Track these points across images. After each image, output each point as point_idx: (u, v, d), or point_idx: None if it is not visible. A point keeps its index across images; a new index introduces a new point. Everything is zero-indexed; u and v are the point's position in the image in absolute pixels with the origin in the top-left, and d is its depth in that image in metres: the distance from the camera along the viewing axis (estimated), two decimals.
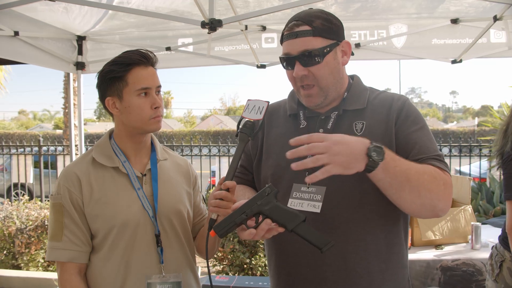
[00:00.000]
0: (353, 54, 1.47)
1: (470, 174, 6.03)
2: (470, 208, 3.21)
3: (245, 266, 4.42)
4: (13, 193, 7.90)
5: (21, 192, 8.03)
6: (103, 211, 1.46)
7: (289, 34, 1.36)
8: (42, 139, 6.93)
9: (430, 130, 1.40)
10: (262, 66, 3.92)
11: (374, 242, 1.35)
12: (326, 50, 1.33)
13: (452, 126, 54.09)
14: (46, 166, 7.17)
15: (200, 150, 6.55)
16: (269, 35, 3.68)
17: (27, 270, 4.75)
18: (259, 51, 3.74)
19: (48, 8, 2.98)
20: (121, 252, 1.46)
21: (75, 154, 4.18)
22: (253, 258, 4.37)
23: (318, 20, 1.34)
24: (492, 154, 2.53)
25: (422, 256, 2.91)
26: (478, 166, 6.57)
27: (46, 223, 4.72)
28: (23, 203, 5.24)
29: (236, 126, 1.36)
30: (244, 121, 1.35)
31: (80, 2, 2.73)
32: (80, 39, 3.71)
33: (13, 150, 7.33)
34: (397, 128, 1.36)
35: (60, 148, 7.16)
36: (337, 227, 1.34)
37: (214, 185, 7.13)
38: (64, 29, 3.52)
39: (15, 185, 7.75)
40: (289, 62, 1.38)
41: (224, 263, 4.52)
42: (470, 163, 6.34)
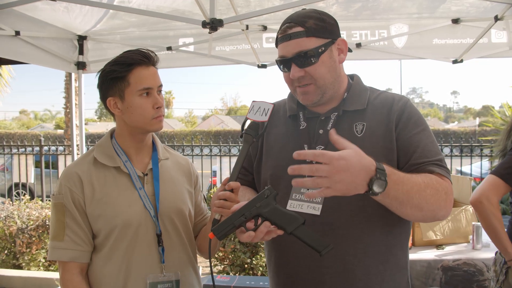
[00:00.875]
0: (351, 51, 1.46)
1: (471, 174, 6.04)
2: (471, 208, 3.21)
3: (246, 266, 4.42)
4: (14, 193, 7.91)
5: (22, 192, 8.04)
6: (105, 211, 1.46)
7: (282, 36, 1.36)
8: (43, 139, 6.94)
9: (432, 131, 1.39)
10: (263, 66, 3.92)
11: (373, 244, 1.35)
12: (321, 50, 1.33)
13: (453, 126, 54.01)
14: (47, 166, 7.18)
15: (201, 150, 6.56)
16: (270, 35, 3.68)
17: (28, 270, 4.76)
18: (260, 51, 3.74)
19: (49, 7, 2.98)
20: (122, 251, 1.46)
21: (76, 154, 4.18)
22: (254, 258, 4.38)
23: (311, 20, 1.34)
24: (494, 154, 2.52)
25: (423, 256, 2.91)
26: (479, 166, 6.58)
27: (47, 223, 4.72)
28: (24, 203, 5.25)
29: (240, 127, 1.36)
30: (248, 122, 1.35)
31: (81, 1, 2.73)
32: (81, 39, 3.71)
33: (14, 150, 7.34)
34: (398, 130, 1.35)
35: (61, 148, 7.17)
36: (336, 230, 1.33)
37: (215, 185, 7.13)
38: (65, 28, 3.52)
39: (16, 185, 7.75)
40: (285, 64, 1.38)
41: (225, 263, 4.53)
42: (471, 163, 6.34)
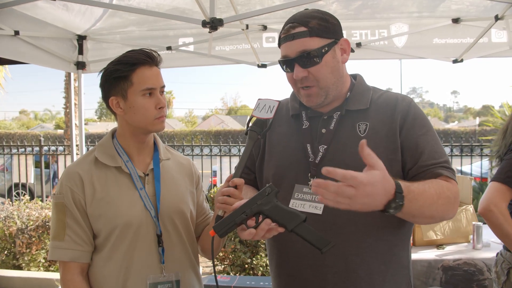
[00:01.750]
0: (353, 51, 1.46)
1: (471, 174, 6.03)
2: (471, 208, 3.21)
3: (246, 266, 4.42)
4: (14, 193, 7.90)
5: (22, 192, 8.03)
6: (106, 211, 1.46)
7: (285, 36, 1.35)
8: (43, 139, 6.93)
9: (435, 131, 1.40)
10: (263, 66, 3.92)
11: (375, 244, 1.34)
12: (324, 50, 1.33)
13: (453, 126, 54.03)
14: (47, 166, 7.17)
15: (201, 150, 6.55)
16: (270, 35, 3.67)
17: (28, 270, 4.75)
18: (260, 51, 3.74)
19: (48, 6, 2.97)
20: (122, 252, 1.46)
21: (76, 154, 4.17)
22: (254, 258, 4.37)
23: (314, 20, 1.33)
24: (491, 154, 2.52)
25: (424, 256, 2.91)
26: (479, 166, 6.57)
27: (47, 223, 4.72)
28: (24, 203, 5.25)
29: (245, 125, 1.36)
30: (254, 119, 1.35)
31: (81, 0, 2.72)
32: (80, 39, 3.70)
33: (14, 150, 7.33)
34: (403, 130, 1.35)
35: (61, 148, 7.16)
36: (338, 229, 1.33)
37: (215, 185, 7.13)
38: (64, 27, 3.51)
39: (16, 185, 7.74)
40: (288, 64, 1.37)
41: (225, 263, 4.53)
42: (472, 163, 6.33)
